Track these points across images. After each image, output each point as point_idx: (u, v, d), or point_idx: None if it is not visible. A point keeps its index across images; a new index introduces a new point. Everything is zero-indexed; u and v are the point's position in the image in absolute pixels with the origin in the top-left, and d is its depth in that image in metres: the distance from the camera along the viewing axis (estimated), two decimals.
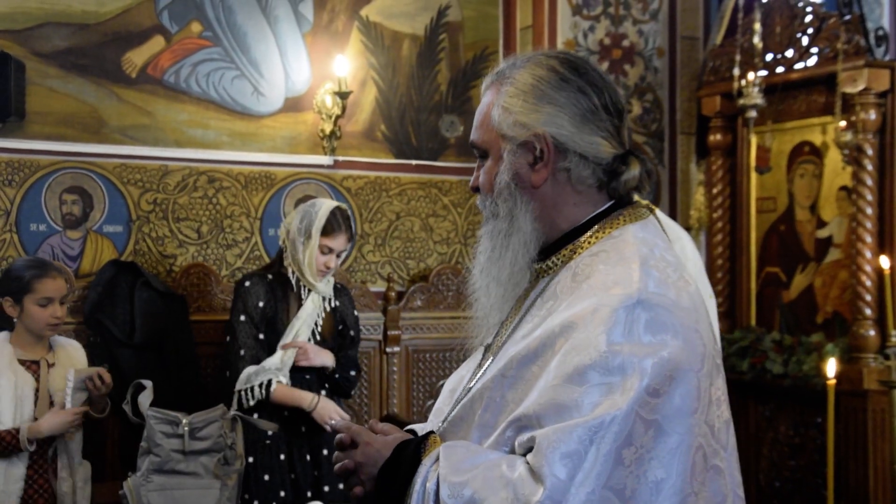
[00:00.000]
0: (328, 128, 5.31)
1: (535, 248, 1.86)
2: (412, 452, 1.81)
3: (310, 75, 5.33)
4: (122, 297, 4.68)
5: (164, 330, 4.72)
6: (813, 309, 5.20)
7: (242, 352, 4.10)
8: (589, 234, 1.86)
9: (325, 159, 5.36)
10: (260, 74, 5.25)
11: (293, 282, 4.24)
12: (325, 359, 4.22)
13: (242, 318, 4.17)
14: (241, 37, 5.21)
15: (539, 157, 1.84)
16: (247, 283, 4.22)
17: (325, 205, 4.24)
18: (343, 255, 4.32)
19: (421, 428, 2.02)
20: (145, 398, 3.64)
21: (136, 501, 3.58)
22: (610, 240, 1.84)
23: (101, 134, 4.92)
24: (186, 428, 3.57)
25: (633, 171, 1.86)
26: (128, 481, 3.62)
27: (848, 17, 4.95)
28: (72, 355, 3.98)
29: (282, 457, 4.11)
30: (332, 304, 4.34)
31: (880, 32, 5.01)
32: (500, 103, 1.87)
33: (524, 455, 1.68)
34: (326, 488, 4.15)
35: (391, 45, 5.55)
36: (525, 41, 5.75)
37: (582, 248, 1.85)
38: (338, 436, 1.88)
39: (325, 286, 4.28)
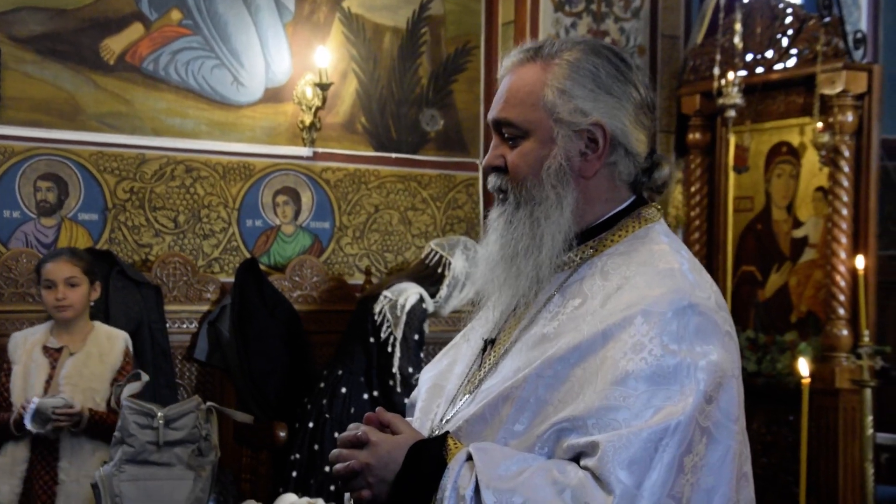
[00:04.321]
0: (308, 119, 5.29)
1: (564, 241, 1.77)
2: (434, 454, 1.69)
3: (290, 66, 5.31)
4: None
5: (139, 320, 4.69)
6: (787, 308, 5.23)
7: None
8: (613, 231, 1.80)
9: (305, 151, 5.34)
10: (240, 64, 5.22)
11: None
12: None
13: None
14: (221, 26, 5.18)
15: (593, 147, 1.77)
16: None
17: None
18: None
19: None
20: (129, 389, 3.62)
21: (107, 492, 3.55)
22: (636, 239, 1.78)
23: (77, 121, 4.88)
24: (161, 421, 3.55)
25: (664, 170, 1.84)
26: (100, 471, 3.60)
27: (828, 19, 4.98)
28: (103, 348, 4.02)
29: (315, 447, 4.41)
30: None
31: (859, 35, 5.04)
32: (556, 85, 1.76)
33: (571, 460, 1.61)
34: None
35: (373, 38, 5.53)
36: (507, 36, 5.74)
37: (605, 246, 1.79)
38: (344, 433, 1.76)
39: None
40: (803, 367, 3.58)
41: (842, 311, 4.81)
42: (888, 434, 5.36)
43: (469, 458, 1.66)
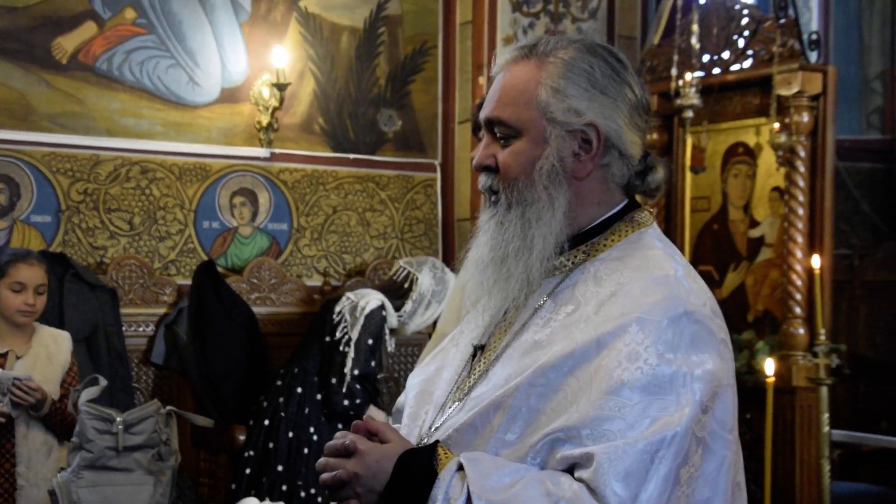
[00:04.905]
0: (265, 120, 5.24)
1: (555, 243, 1.72)
2: (424, 464, 1.64)
3: (247, 66, 5.26)
4: (51, 290, 4.55)
5: (95, 323, 4.62)
6: (744, 307, 5.27)
7: None
8: (606, 235, 1.76)
9: (262, 151, 5.29)
10: (196, 64, 5.16)
11: None
12: None
13: None
14: (176, 25, 5.11)
15: (586, 147, 1.73)
16: None
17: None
18: None
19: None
20: (87, 394, 3.55)
21: (66, 498, 3.49)
22: (629, 244, 1.75)
23: (29, 121, 4.79)
24: (121, 426, 3.50)
25: (658, 174, 1.80)
26: (58, 477, 3.54)
27: (783, 21, 5.03)
28: (50, 350, 3.88)
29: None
30: None
31: (813, 37, 5.10)
32: (549, 84, 1.72)
33: (564, 471, 1.57)
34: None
35: (330, 38, 5.50)
36: (465, 36, 5.74)
37: (598, 250, 1.75)
38: (332, 442, 1.70)
39: None
40: (769, 366, 3.60)
41: (798, 310, 4.86)
42: (842, 431, 5.42)
43: (460, 468, 1.62)
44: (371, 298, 4.50)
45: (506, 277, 1.75)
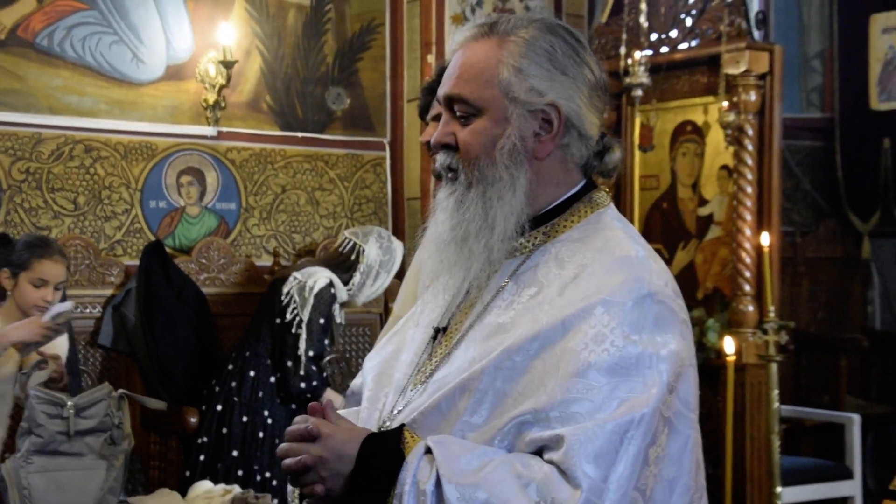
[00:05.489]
0: (212, 98, 5.15)
1: (516, 223, 1.72)
2: (391, 447, 1.63)
3: (192, 43, 5.16)
4: None
5: None
6: (694, 285, 5.33)
7: None
8: (566, 216, 1.76)
9: (209, 130, 5.20)
10: (139, 40, 5.05)
11: None
12: None
13: None
14: (119, 0, 4.99)
15: (547, 128, 1.73)
16: None
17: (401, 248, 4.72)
18: None
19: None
20: (36, 377, 3.47)
21: (14, 484, 3.42)
22: (589, 225, 1.75)
23: None
24: (72, 411, 3.43)
25: (616, 154, 1.81)
26: (6, 463, 3.46)
27: (731, 0, 5.07)
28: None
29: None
30: None
31: (760, 16, 5.15)
32: (511, 63, 1.72)
33: (533, 453, 1.58)
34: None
35: (276, 14, 5.41)
36: (412, 14, 5.69)
37: (557, 231, 1.75)
38: (293, 427, 1.68)
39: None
40: (729, 344, 3.63)
41: (748, 288, 4.92)
42: (787, 406, 5.51)
43: (427, 451, 1.61)
44: (319, 277, 4.46)
45: (467, 257, 1.75)
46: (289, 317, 4.40)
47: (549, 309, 1.65)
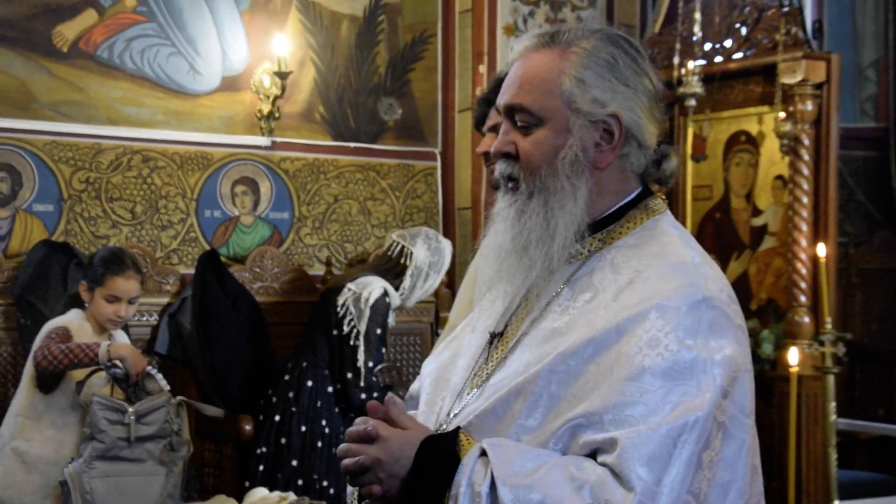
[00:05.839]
0: (266, 108, 5.21)
1: (576, 232, 1.74)
2: (447, 450, 1.65)
3: (247, 54, 5.22)
4: (56, 279, 4.53)
5: None
6: (747, 296, 5.29)
7: None
8: (622, 223, 1.77)
9: (263, 140, 5.26)
10: (196, 52, 5.12)
11: None
12: None
13: None
14: (176, 13, 5.07)
15: (607, 138, 1.74)
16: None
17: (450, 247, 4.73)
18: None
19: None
20: (97, 385, 3.53)
21: (78, 488, 3.47)
22: (645, 231, 1.76)
23: (30, 110, 4.74)
24: (132, 417, 3.48)
25: (673, 162, 1.82)
26: (69, 468, 3.51)
27: (787, 9, 5.04)
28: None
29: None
30: None
31: (816, 25, 5.11)
32: (573, 73, 1.73)
33: (587, 456, 1.59)
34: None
35: (330, 26, 5.46)
36: (464, 25, 5.71)
37: (613, 238, 1.77)
38: (353, 427, 1.72)
39: None
40: (793, 356, 3.59)
41: (803, 299, 4.87)
42: (842, 419, 5.45)
43: (482, 453, 1.63)
44: (373, 287, 4.47)
45: (527, 266, 1.76)
46: (346, 329, 4.41)
47: (604, 313, 1.66)
